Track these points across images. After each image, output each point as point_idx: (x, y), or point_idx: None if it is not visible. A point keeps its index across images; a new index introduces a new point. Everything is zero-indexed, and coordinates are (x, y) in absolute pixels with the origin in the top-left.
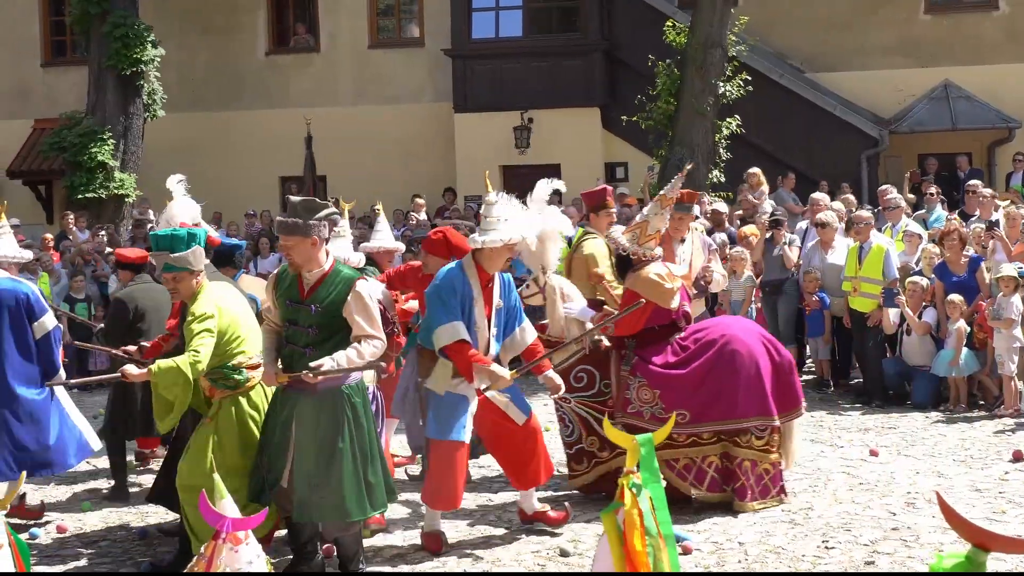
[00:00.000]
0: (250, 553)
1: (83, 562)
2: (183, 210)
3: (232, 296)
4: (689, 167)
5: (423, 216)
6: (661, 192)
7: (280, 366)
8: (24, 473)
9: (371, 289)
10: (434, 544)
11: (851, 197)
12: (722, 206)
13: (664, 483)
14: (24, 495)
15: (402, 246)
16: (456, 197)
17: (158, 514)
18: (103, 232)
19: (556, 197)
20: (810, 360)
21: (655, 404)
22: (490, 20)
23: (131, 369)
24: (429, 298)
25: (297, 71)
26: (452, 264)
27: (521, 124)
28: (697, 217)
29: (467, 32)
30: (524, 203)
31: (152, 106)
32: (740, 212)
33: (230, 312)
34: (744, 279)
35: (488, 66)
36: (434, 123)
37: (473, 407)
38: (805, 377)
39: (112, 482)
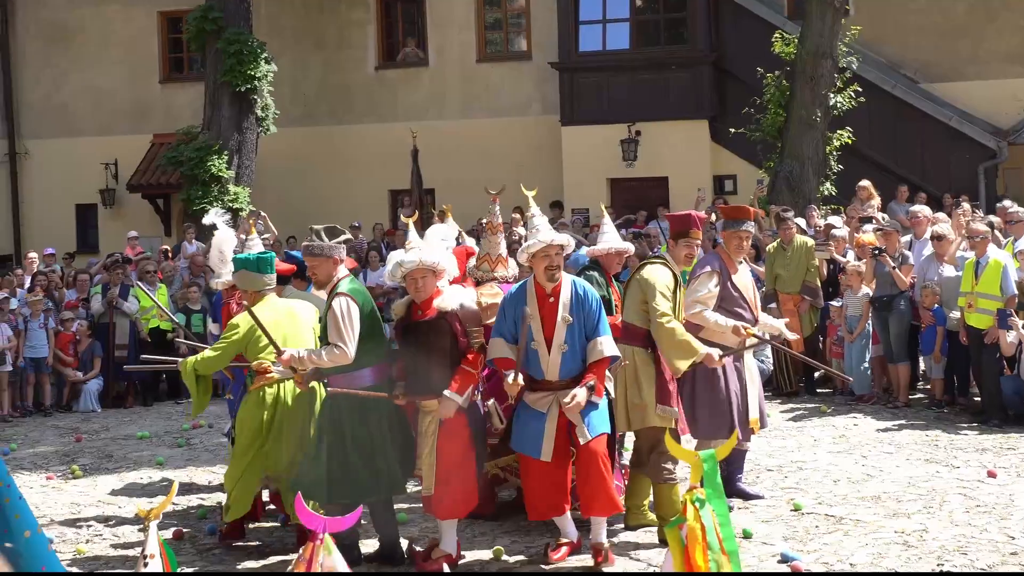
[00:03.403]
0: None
1: (199, 564)
2: (227, 240)
3: (275, 309)
4: (499, 191)
5: (522, 230)
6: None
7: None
8: (176, 483)
9: (343, 304)
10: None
11: (967, 207)
12: (835, 219)
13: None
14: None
15: (631, 247)
16: (563, 210)
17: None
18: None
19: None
20: (924, 378)
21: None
22: (597, 33)
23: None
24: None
25: (406, 85)
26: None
27: (628, 137)
28: (752, 233)
29: (574, 45)
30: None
31: (265, 121)
32: (852, 220)
33: (265, 322)
34: (861, 294)
35: (595, 79)
36: (541, 136)
37: (548, 424)
38: (918, 395)
39: None
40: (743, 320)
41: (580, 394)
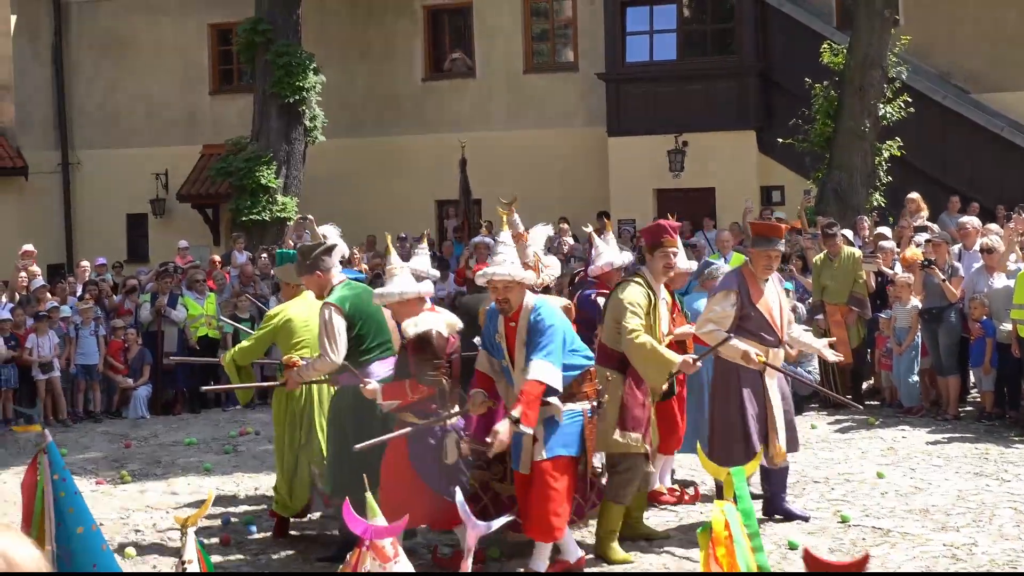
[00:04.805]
0: (401, 567)
1: (245, 570)
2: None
3: (310, 305)
4: (512, 201)
5: (571, 240)
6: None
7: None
8: (213, 493)
9: (325, 315)
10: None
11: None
12: (886, 231)
13: None
14: None
15: (693, 265)
16: (610, 221)
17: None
18: (265, 254)
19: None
20: (974, 390)
21: None
22: (644, 43)
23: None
24: None
25: (453, 96)
26: None
27: (675, 147)
28: (783, 252)
29: (621, 55)
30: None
31: (313, 131)
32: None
33: (298, 318)
34: (910, 306)
35: (642, 89)
36: (588, 147)
37: (525, 438)
38: (968, 408)
39: None
40: (766, 343)
41: (501, 429)
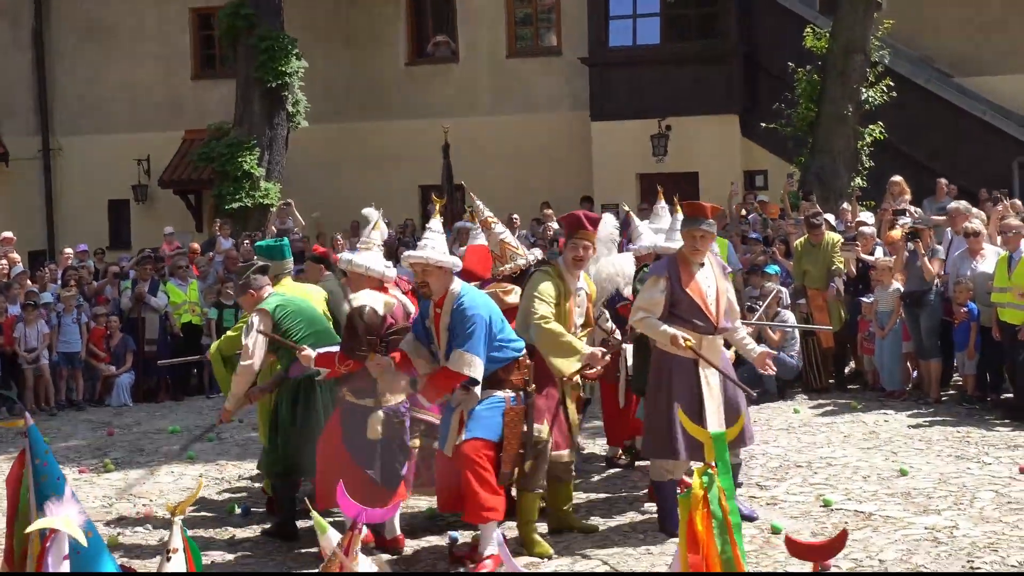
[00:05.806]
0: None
1: (230, 558)
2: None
3: (292, 291)
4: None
5: (556, 225)
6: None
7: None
8: (202, 480)
9: (257, 319)
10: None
11: (1016, 202)
12: (868, 216)
13: None
14: None
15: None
16: (593, 206)
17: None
18: (248, 241)
19: None
20: (956, 374)
21: None
22: (627, 28)
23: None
24: None
25: (436, 81)
26: None
27: (659, 132)
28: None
29: (604, 40)
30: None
31: (295, 116)
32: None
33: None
34: (891, 289)
35: (625, 74)
36: (571, 131)
37: (453, 419)
38: (951, 391)
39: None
40: (698, 329)
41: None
